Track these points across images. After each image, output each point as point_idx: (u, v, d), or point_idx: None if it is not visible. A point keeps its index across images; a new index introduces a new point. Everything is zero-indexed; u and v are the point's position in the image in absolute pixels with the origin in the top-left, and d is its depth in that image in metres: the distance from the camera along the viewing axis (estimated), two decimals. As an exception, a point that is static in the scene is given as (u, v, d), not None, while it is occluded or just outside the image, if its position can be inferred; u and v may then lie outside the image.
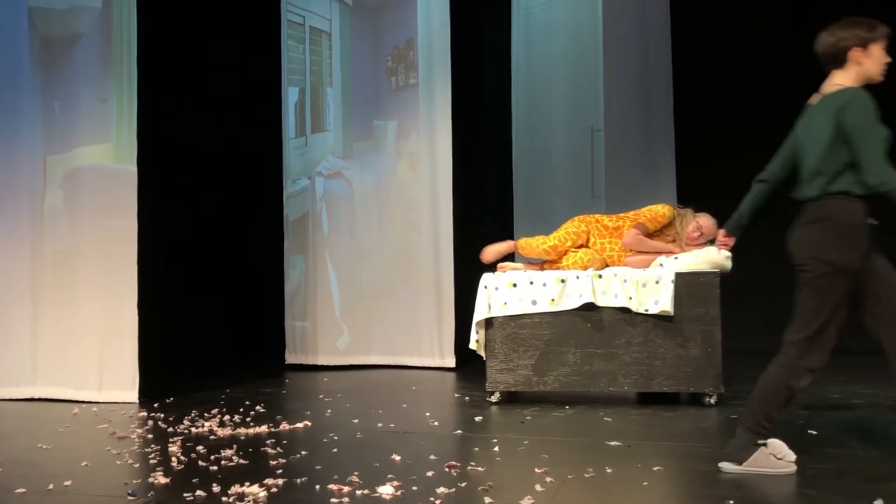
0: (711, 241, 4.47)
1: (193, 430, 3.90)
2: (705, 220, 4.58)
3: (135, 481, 3.02)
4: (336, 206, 6.54)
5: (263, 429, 3.87)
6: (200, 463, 3.21)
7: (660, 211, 4.61)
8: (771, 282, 6.64)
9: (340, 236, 6.49)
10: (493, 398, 4.46)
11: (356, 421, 4.04)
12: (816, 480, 2.75)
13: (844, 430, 3.53)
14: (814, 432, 3.49)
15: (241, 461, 3.22)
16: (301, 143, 6.74)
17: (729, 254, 4.40)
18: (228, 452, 3.34)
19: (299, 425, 3.95)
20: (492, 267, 4.76)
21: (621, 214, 4.74)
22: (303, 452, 3.35)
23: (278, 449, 3.42)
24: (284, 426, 3.92)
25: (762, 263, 6.37)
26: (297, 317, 6.57)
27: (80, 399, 4.84)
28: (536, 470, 2.92)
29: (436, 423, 3.96)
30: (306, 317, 6.52)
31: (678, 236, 4.59)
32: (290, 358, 6.55)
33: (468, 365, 5.83)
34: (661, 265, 4.40)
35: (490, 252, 4.80)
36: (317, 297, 6.49)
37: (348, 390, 5.20)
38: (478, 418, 4.05)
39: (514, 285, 4.45)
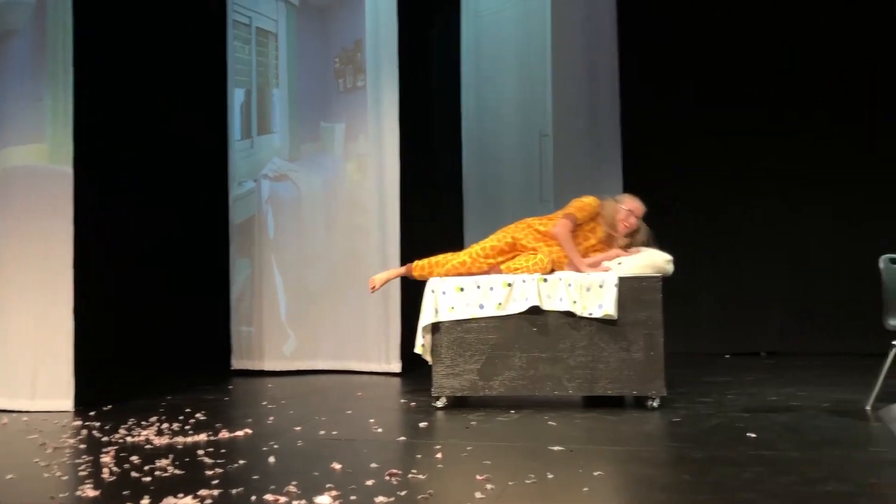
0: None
1: (129, 439, 3.79)
2: (631, 202, 4.59)
3: (62, 495, 2.91)
4: (282, 208, 6.44)
5: (202, 437, 3.78)
6: (133, 474, 3.11)
7: (586, 201, 4.61)
8: (711, 285, 6.78)
9: (287, 239, 6.40)
10: (439, 403, 4.43)
11: (298, 428, 3.97)
12: (753, 484, 2.77)
13: (782, 433, 3.57)
14: (752, 435, 3.52)
15: (177, 472, 3.13)
16: (247, 144, 6.64)
17: (670, 257, 4.44)
18: (164, 462, 3.24)
19: (239, 433, 3.86)
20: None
21: (552, 215, 4.73)
22: (241, 462, 3.27)
23: (216, 458, 3.33)
24: (224, 434, 3.84)
25: (703, 266, 6.49)
26: (243, 321, 6.46)
27: (10, 409, 4.68)
28: (478, 477, 2.89)
29: (380, 430, 3.91)
30: (252, 321, 6.42)
31: (610, 225, 4.57)
32: (237, 363, 6.44)
33: (415, 370, 5.79)
34: (619, 263, 4.41)
35: (378, 280, 4.75)
36: (263, 302, 6.39)
37: (293, 396, 5.11)
38: (422, 424, 4.02)
39: (462, 289, 4.43)
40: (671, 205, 6.82)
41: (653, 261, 4.39)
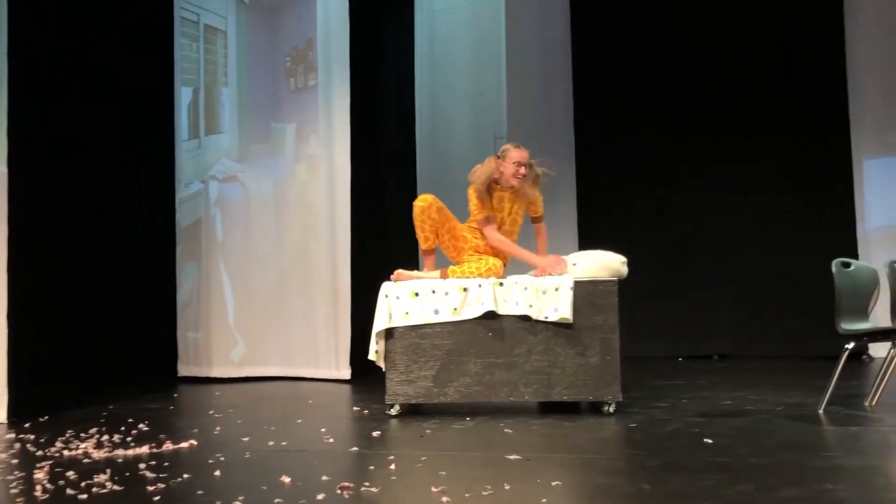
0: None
1: (66, 452, 3.60)
2: (514, 154, 4.51)
3: (-9, 515, 2.74)
4: (231, 211, 6.27)
5: (144, 450, 3.61)
6: (69, 491, 2.94)
7: (470, 194, 4.53)
8: (663, 288, 6.81)
9: (235, 242, 6.23)
10: (393, 411, 4.33)
11: (246, 439, 3.83)
12: (712, 491, 2.73)
13: (738, 438, 3.55)
14: (709, 441, 3.50)
15: (116, 487, 2.97)
16: (194, 145, 6.45)
17: (625, 259, 4.40)
18: (102, 478, 3.08)
19: (184, 445, 3.70)
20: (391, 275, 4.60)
21: (467, 222, 4.66)
22: (185, 476, 3.12)
23: (158, 473, 3.18)
24: (168, 446, 3.68)
25: (655, 270, 6.50)
26: (190, 327, 6.28)
27: (-60, 421, 4.45)
28: (433, 489, 2.80)
29: (331, 440, 3.79)
30: (199, 327, 6.23)
31: (507, 182, 4.50)
32: (183, 370, 6.26)
33: (366, 376, 5.68)
34: (574, 264, 4.35)
35: (405, 275, 4.54)
36: (210, 307, 6.21)
37: (241, 405, 4.96)
38: (375, 433, 3.91)
39: (416, 294, 4.33)
40: (623, 208, 6.86)
41: (608, 263, 4.34)
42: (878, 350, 5.73)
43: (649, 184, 6.86)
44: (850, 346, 4.12)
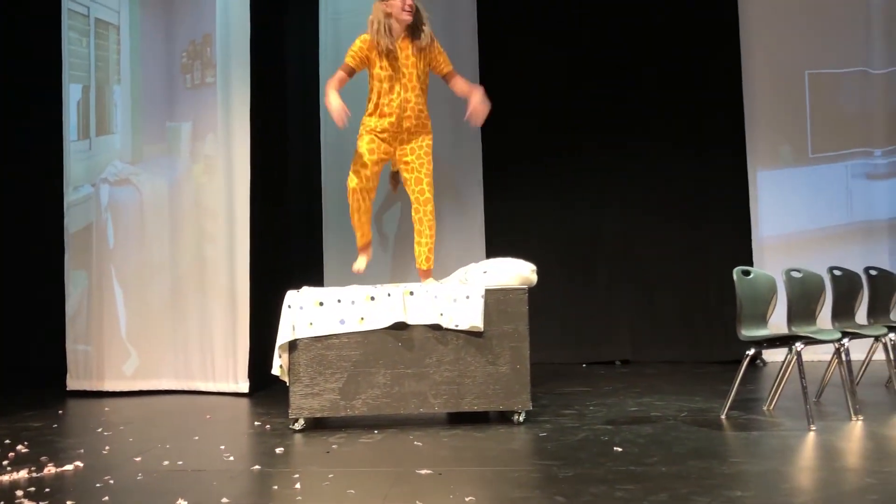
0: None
1: (-67, 480, 3.28)
2: None
3: None
4: (123, 215, 5.94)
5: (23, 474, 3.32)
6: (-66, 525, 2.67)
7: (355, 43, 4.49)
8: (565, 295, 6.87)
9: (128, 249, 5.90)
10: (297, 426, 4.15)
11: (138, 459, 3.59)
12: (628, 501, 2.71)
13: (647, 446, 3.56)
14: (619, 449, 3.49)
15: (-10, 519, 2.71)
16: (84, 146, 6.08)
17: (534, 267, 4.39)
18: (-26, 508, 2.81)
19: (69, 467, 3.43)
20: (294, 284, 4.44)
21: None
22: (69, 503, 2.87)
23: (38, 500, 2.92)
24: (50, 470, 3.40)
25: (556, 277, 6.54)
26: (80, 339, 5.90)
27: None
28: (341, 509, 2.67)
29: (231, 458, 3.59)
30: (90, 339, 5.86)
31: (397, 19, 4.45)
32: (72, 384, 5.88)
33: (266, 388, 5.47)
34: (484, 272, 4.29)
35: None
36: (102, 317, 5.86)
37: (133, 421, 4.68)
38: (279, 450, 3.73)
39: (321, 304, 4.18)
40: (527, 216, 6.89)
41: (518, 271, 4.32)
42: (772, 355, 5.92)
43: (550, 193, 6.93)
44: (751, 352, 4.21)
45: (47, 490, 3.07)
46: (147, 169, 5.95)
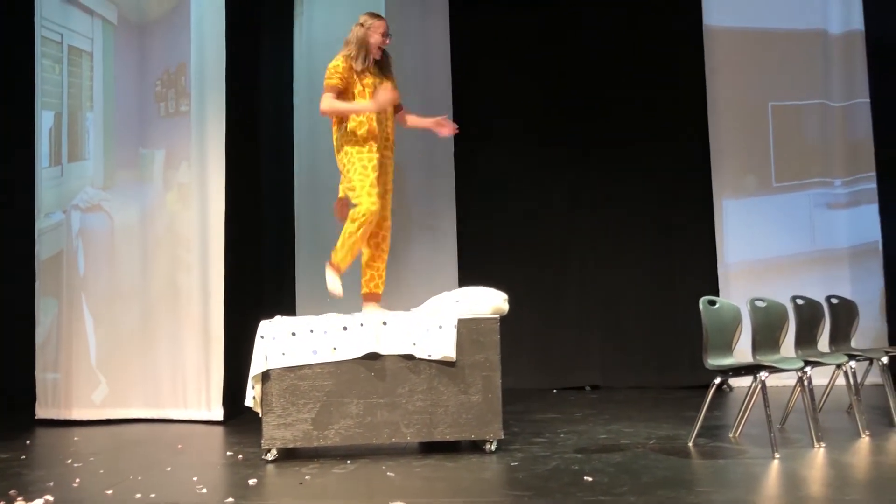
0: None
1: None
2: (379, 23, 4.44)
3: None
4: (94, 242, 5.92)
5: (-7, 509, 3.31)
6: None
7: (331, 65, 4.43)
8: (536, 322, 6.96)
9: (99, 276, 5.88)
10: (269, 456, 4.16)
11: (109, 492, 3.57)
12: (595, 534, 2.76)
13: (616, 475, 3.62)
14: (589, 478, 3.55)
15: (-41, 556, 2.70)
16: (56, 172, 6.07)
17: (506, 296, 4.45)
18: (-58, 546, 2.79)
19: (38, 501, 3.41)
20: (267, 312, 4.46)
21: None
22: (40, 539, 2.87)
23: (10, 536, 2.91)
24: (20, 504, 3.38)
25: (527, 304, 6.62)
26: (49, 367, 5.85)
27: None
28: (315, 543, 2.70)
29: (204, 490, 3.59)
30: (59, 368, 5.81)
31: (371, 49, 4.44)
32: (41, 413, 5.83)
33: (239, 416, 5.46)
34: (457, 301, 4.34)
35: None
36: (71, 345, 5.82)
37: (103, 451, 4.65)
38: (252, 481, 3.73)
39: (294, 334, 4.20)
40: (498, 243, 6.98)
41: (490, 301, 4.37)
42: (739, 381, 6.04)
43: (522, 223, 7.05)
44: (717, 380, 4.31)
45: (18, 525, 3.05)
46: (119, 195, 5.95)
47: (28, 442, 5.04)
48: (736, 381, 6.26)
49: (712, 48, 6.99)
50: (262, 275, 6.48)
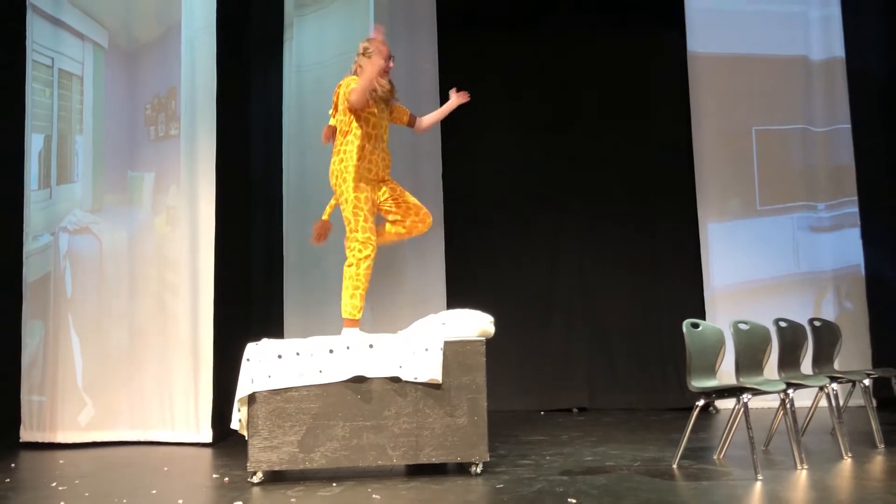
0: None
1: None
2: (385, 48, 4.49)
3: None
4: (82, 264, 5.92)
5: (-23, 533, 3.30)
6: None
7: (345, 83, 4.44)
8: (523, 344, 6.99)
9: (86, 298, 5.87)
10: (255, 478, 4.16)
11: (95, 515, 3.57)
12: (578, 556, 2.78)
13: (601, 497, 3.64)
14: (573, 501, 3.57)
15: (-58, 580, 2.69)
16: (45, 195, 6.08)
17: (492, 318, 4.49)
18: (-75, 569, 2.78)
19: (24, 526, 3.41)
20: (255, 335, 4.48)
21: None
22: (24, 562, 2.87)
23: (-7, 559, 2.91)
24: (5, 528, 3.38)
25: (514, 327, 6.66)
26: (35, 390, 5.82)
27: None
28: (298, 565, 2.70)
29: (189, 513, 3.60)
30: (45, 390, 5.79)
31: (381, 75, 4.46)
32: (26, 435, 5.79)
33: (227, 438, 5.46)
34: (443, 324, 4.37)
35: None
36: (57, 367, 5.80)
37: (88, 474, 4.63)
38: (237, 504, 3.75)
39: (280, 357, 4.22)
40: (486, 267, 7.03)
41: (477, 324, 4.41)
42: (724, 402, 6.07)
43: (508, 248, 7.10)
44: (701, 402, 4.36)
45: (1, 549, 3.05)
46: (107, 218, 5.97)
47: (13, 465, 5.02)
48: (722, 403, 6.30)
49: (697, 74, 7.10)
50: (250, 297, 6.50)
